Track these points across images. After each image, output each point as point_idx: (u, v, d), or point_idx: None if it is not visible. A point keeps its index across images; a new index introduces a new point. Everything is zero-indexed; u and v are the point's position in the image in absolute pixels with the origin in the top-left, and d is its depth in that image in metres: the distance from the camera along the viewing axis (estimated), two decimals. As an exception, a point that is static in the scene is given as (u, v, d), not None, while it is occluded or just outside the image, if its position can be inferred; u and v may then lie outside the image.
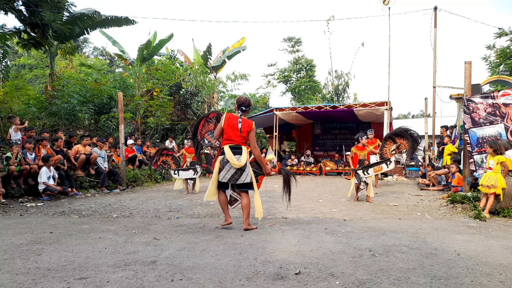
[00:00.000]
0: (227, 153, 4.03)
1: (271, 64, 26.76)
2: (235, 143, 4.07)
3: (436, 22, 11.32)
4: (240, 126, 4.05)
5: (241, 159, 4.03)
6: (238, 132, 4.05)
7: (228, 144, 4.07)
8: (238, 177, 4.08)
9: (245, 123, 4.09)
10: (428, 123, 12.02)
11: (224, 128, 4.09)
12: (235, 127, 4.05)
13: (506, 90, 6.54)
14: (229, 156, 4.01)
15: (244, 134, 4.07)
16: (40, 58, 20.34)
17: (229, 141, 4.08)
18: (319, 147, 16.71)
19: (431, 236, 3.89)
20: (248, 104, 4.18)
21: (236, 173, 4.07)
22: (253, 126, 4.13)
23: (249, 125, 4.09)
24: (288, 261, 2.95)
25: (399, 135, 6.85)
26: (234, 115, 4.15)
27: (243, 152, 4.06)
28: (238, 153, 4.05)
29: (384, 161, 6.74)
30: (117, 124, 11.89)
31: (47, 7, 10.89)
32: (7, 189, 6.60)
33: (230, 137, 4.08)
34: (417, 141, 6.68)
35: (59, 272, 2.70)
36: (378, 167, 6.72)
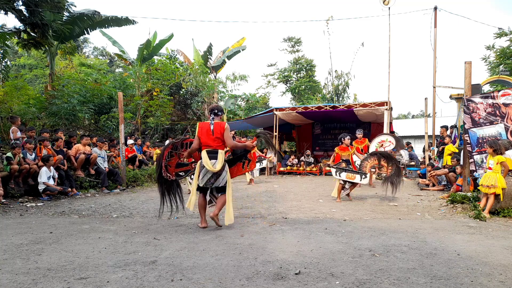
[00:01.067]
0: (204, 157, 4.17)
1: (271, 64, 26.74)
2: (212, 148, 4.19)
3: (436, 22, 11.31)
4: (212, 129, 4.18)
5: (216, 164, 4.13)
6: (211, 136, 4.17)
7: (205, 149, 4.20)
8: (214, 181, 4.22)
9: (217, 125, 4.21)
10: (428, 123, 12.02)
11: (199, 136, 4.24)
12: (208, 132, 4.19)
13: (506, 90, 6.54)
14: (205, 161, 4.14)
15: (217, 136, 4.17)
16: (40, 58, 20.33)
17: (206, 147, 4.22)
18: (319, 147, 16.70)
19: (431, 236, 3.89)
20: (221, 109, 4.37)
21: (212, 177, 4.20)
22: (226, 126, 4.23)
23: (221, 127, 4.21)
24: (288, 261, 2.95)
25: (385, 158, 6.61)
26: (206, 122, 4.31)
27: (219, 157, 4.15)
28: (214, 157, 4.16)
29: (360, 173, 6.65)
30: (117, 124, 11.89)
31: (47, 7, 10.89)
32: (7, 189, 6.60)
33: (206, 143, 4.21)
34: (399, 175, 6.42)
35: (59, 272, 2.70)
36: (352, 175, 6.70)
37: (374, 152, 6.94)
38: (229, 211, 4.22)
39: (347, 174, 6.73)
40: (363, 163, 6.76)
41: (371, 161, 6.72)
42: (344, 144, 7.26)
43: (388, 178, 6.39)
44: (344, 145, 7.26)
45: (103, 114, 13.41)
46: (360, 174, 6.66)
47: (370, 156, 6.80)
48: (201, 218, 4.36)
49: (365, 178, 6.64)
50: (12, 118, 8.31)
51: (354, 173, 6.70)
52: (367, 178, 6.66)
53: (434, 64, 11.43)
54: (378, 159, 6.65)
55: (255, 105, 20.84)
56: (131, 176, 9.58)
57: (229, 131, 4.26)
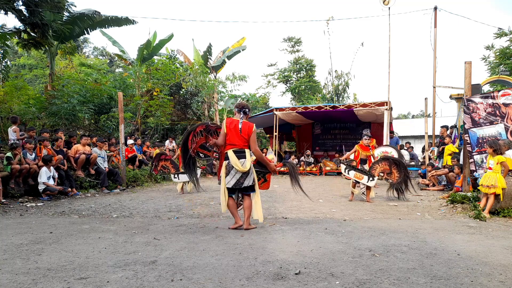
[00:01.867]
0: (232, 158, 4.03)
1: (271, 64, 26.75)
2: (238, 147, 4.07)
3: (436, 22, 11.31)
4: (240, 127, 4.07)
5: (245, 164, 4.04)
6: (239, 135, 4.06)
7: (231, 149, 4.07)
8: (244, 180, 4.10)
9: (246, 125, 4.12)
10: (428, 123, 12.02)
11: (227, 133, 4.10)
12: (237, 131, 4.07)
13: (506, 90, 6.54)
14: (234, 161, 4.02)
15: (245, 137, 4.09)
16: (40, 58, 20.33)
17: (231, 146, 4.08)
18: (319, 147, 16.71)
19: (431, 236, 3.89)
20: (249, 108, 4.26)
21: (242, 177, 4.09)
22: (254, 128, 4.15)
23: (249, 128, 4.11)
24: (288, 261, 2.95)
25: (398, 166, 6.58)
26: (234, 119, 4.18)
27: (247, 156, 4.07)
28: (242, 157, 4.05)
29: (369, 175, 6.62)
30: (117, 124, 11.88)
31: (47, 7, 10.89)
32: (7, 189, 6.60)
33: (232, 141, 4.08)
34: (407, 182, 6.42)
35: (59, 272, 2.70)
36: (360, 175, 6.66)
37: (387, 156, 6.89)
38: (259, 209, 4.19)
39: (356, 174, 6.69)
40: (374, 166, 6.73)
41: (381, 165, 6.69)
42: (364, 144, 7.19)
43: (394, 185, 6.40)
44: (365, 145, 7.19)
45: (103, 114, 13.41)
46: (368, 176, 6.61)
47: (382, 160, 6.76)
48: (235, 218, 4.21)
49: (372, 181, 6.58)
50: (14, 118, 8.33)
51: (363, 174, 6.67)
52: (374, 181, 6.60)
53: (434, 64, 11.42)
54: (389, 165, 6.62)
55: (255, 105, 20.84)
56: (131, 176, 9.58)
57: (255, 134, 4.19)
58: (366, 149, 7.20)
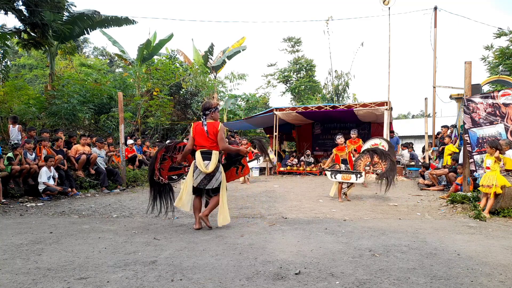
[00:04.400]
0: (197, 158, 4.13)
1: (271, 64, 26.74)
2: (206, 148, 4.15)
3: (436, 22, 11.33)
4: (206, 129, 4.13)
5: (209, 166, 4.10)
6: (206, 136, 4.13)
7: (199, 150, 4.17)
8: (207, 182, 4.17)
9: (211, 125, 4.16)
10: (428, 123, 12.03)
11: (194, 137, 4.21)
12: (203, 132, 4.15)
13: (506, 90, 6.54)
14: (198, 161, 4.11)
15: (212, 137, 4.14)
16: (40, 58, 20.32)
17: (200, 147, 4.18)
18: (319, 147, 16.70)
19: (431, 236, 3.89)
20: (208, 107, 4.24)
21: (206, 178, 4.15)
22: (220, 127, 4.18)
23: (215, 127, 4.16)
24: (288, 261, 2.95)
25: (378, 154, 6.58)
26: (199, 122, 4.27)
27: (212, 158, 4.11)
28: (207, 158, 4.12)
29: (355, 173, 6.63)
30: (117, 124, 11.88)
31: (47, 7, 10.88)
32: (7, 189, 6.60)
33: (200, 143, 4.17)
34: (394, 170, 6.38)
35: (59, 272, 2.70)
36: (347, 175, 6.68)
37: (365, 150, 6.92)
38: (224, 211, 4.18)
39: (343, 175, 6.72)
40: (357, 163, 6.76)
41: (364, 160, 6.73)
42: (339, 144, 7.19)
43: (383, 174, 6.37)
44: (340, 145, 7.19)
45: (103, 114, 13.41)
46: (355, 174, 6.64)
47: (363, 155, 6.80)
48: (195, 219, 4.30)
49: (361, 177, 6.61)
50: (14, 118, 8.32)
51: (349, 174, 6.69)
52: (362, 177, 6.64)
53: (434, 64, 11.44)
54: (370, 157, 6.65)
55: (255, 105, 20.85)
56: (131, 176, 9.58)
57: (223, 132, 4.21)
58: (342, 149, 7.17)
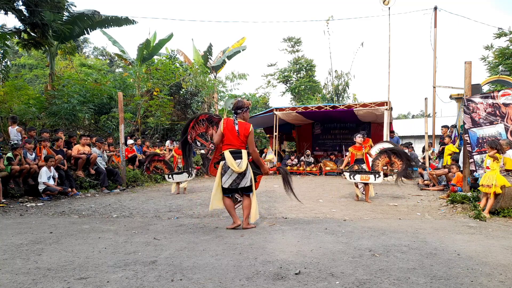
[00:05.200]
0: (228, 158, 4.05)
1: (271, 64, 26.75)
2: (235, 147, 4.09)
3: (436, 22, 11.31)
4: (237, 129, 4.07)
5: (241, 164, 4.05)
6: (236, 135, 4.07)
7: (228, 149, 4.09)
8: (240, 181, 4.11)
9: (242, 126, 4.10)
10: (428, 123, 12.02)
11: (223, 133, 4.11)
12: (233, 131, 4.08)
13: (506, 90, 6.54)
14: (230, 162, 4.03)
15: (242, 138, 4.08)
16: (40, 58, 20.32)
17: (229, 146, 4.10)
18: (319, 147, 16.71)
19: (431, 236, 3.89)
20: (241, 106, 4.19)
21: (238, 177, 4.10)
22: (251, 129, 4.13)
23: (246, 129, 4.10)
24: (288, 261, 2.95)
25: (397, 154, 6.62)
26: (231, 119, 4.18)
27: (243, 157, 4.07)
28: (238, 157, 4.06)
29: (374, 173, 6.64)
30: (117, 124, 11.88)
31: (47, 7, 10.88)
32: (7, 189, 6.60)
33: (229, 141, 4.09)
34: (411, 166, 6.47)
35: (59, 272, 2.70)
36: (365, 176, 6.67)
37: (383, 150, 6.92)
38: (255, 208, 4.22)
39: (361, 176, 6.69)
40: (375, 163, 6.77)
41: (382, 160, 6.74)
42: (357, 144, 7.13)
43: (401, 173, 6.40)
44: (358, 144, 7.13)
45: (103, 114, 13.40)
46: (374, 174, 6.62)
47: (381, 155, 6.81)
48: (233, 217, 4.22)
49: (379, 177, 6.59)
50: (14, 118, 8.31)
51: (368, 174, 6.67)
52: (381, 177, 6.62)
53: (434, 64, 11.43)
54: (388, 157, 6.68)
55: (255, 105, 20.84)
56: (131, 176, 9.58)
57: (253, 135, 4.18)
58: (360, 148, 7.14)
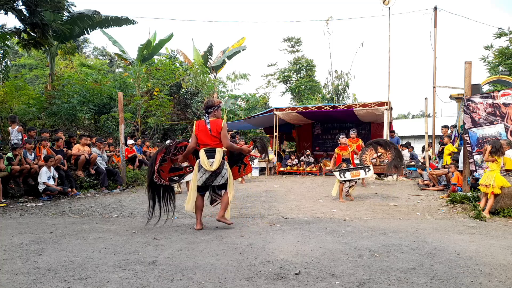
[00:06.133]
0: (201, 157, 4.13)
1: (271, 64, 26.74)
2: (210, 146, 4.15)
3: (436, 22, 11.32)
4: (209, 127, 4.13)
5: (213, 164, 4.09)
6: (209, 134, 4.13)
7: (203, 148, 4.16)
8: (213, 179, 4.18)
9: (214, 123, 4.17)
10: (428, 123, 12.02)
11: (196, 135, 4.20)
12: (206, 130, 4.15)
13: (506, 90, 6.54)
14: (202, 160, 4.10)
15: (215, 134, 4.14)
16: (40, 58, 20.32)
17: (204, 145, 4.17)
18: (319, 147, 16.69)
19: (431, 236, 3.89)
20: (211, 105, 4.25)
21: (212, 176, 4.16)
22: (223, 125, 4.18)
23: (218, 125, 4.16)
24: (288, 261, 2.95)
25: (381, 144, 6.66)
26: (202, 120, 4.27)
27: (216, 155, 4.11)
28: (211, 156, 4.12)
29: (363, 167, 6.68)
30: (117, 124, 11.88)
31: (47, 7, 10.88)
32: (7, 189, 6.60)
33: (203, 141, 4.17)
34: (400, 155, 6.46)
35: (59, 272, 2.70)
36: (355, 172, 6.71)
37: (367, 143, 6.99)
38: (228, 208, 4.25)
39: (352, 173, 6.73)
40: (363, 157, 6.82)
41: (369, 153, 6.78)
42: (342, 144, 7.20)
43: (391, 163, 6.42)
44: (343, 145, 7.20)
45: (103, 114, 13.40)
46: (364, 168, 6.69)
47: (366, 149, 6.86)
48: (197, 219, 4.28)
49: (370, 171, 6.67)
50: (13, 118, 8.29)
51: (358, 169, 6.73)
52: (371, 170, 6.69)
53: (434, 64, 11.43)
54: (374, 149, 6.72)
55: (255, 105, 20.83)
56: (131, 176, 9.58)
57: (226, 129, 4.21)
58: (345, 148, 7.17)
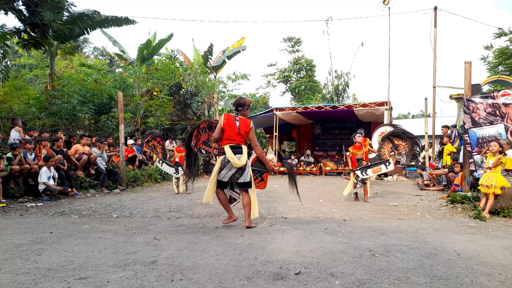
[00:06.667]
0: (228, 152, 4.07)
1: (271, 64, 26.77)
2: (235, 143, 4.12)
3: (436, 22, 11.33)
4: (238, 125, 4.11)
5: (241, 158, 4.08)
6: (237, 131, 4.10)
7: (228, 144, 4.12)
8: (239, 176, 4.14)
9: (243, 122, 4.14)
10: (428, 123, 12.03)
11: (223, 128, 4.14)
12: (234, 127, 4.11)
13: (506, 90, 6.54)
14: (230, 155, 4.06)
15: (243, 133, 4.12)
16: (40, 58, 20.32)
17: (229, 141, 4.13)
18: (319, 147, 16.71)
19: (431, 236, 3.89)
20: (242, 103, 4.21)
21: (237, 172, 4.13)
22: (252, 126, 4.17)
23: (247, 125, 4.14)
24: (288, 261, 2.95)
25: (397, 136, 6.61)
26: (232, 115, 4.22)
27: (243, 152, 4.11)
28: (238, 152, 4.09)
29: (383, 162, 6.62)
30: (117, 124, 11.88)
31: (47, 7, 10.88)
32: (7, 189, 6.60)
33: (229, 137, 4.12)
34: (416, 143, 6.46)
35: (59, 272, 2.70)
36: (377, 168, 6.64)
37: (384, 136, 6.86)
38: (255, 204, 4.25)
39: (373, 169, 6.68)
40: (380, 151, 6.73)
41: (386, 147, 6.68)
42: (357, 143, 7.11)
43: (408, 153, 6.46)
44: (358, 144, 7.11)
45: (103, 114, 13.41)
46: (384, 163, 6.62)
47: (383, 143, 6.76)
48: (228, 212, 4.28)
49: (390, 164, 6.59)
50: (13, 120, 8.28)
51: (378, 165, 6.65)
52: (391, 163, 6.60)
53: (434, 64, 11.44)
54: (391, 141, 6.64)
55: (255, 105, 20.84)
56: (131, 176, 9.58)
57: (254, 131, 4.23)
58: (360, 148, 7.10)
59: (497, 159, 5.11)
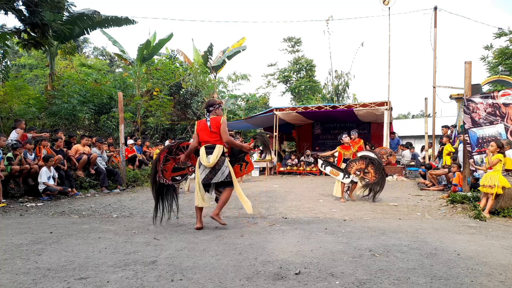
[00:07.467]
0: (201, 153, 4.19)
1: (271, 64, 26.75)
2: (210, 143, 4.19)
3: (436, 22, 11.32)
4: (209, 125, 4.19)
5: (210, 159, 4.11)
6: (209, 131, 4.19)
7: (204, 145, 4.21)
8: (213, 176, 4.18)
9: (213, 120, 4.22)
10: (428, 123, 12.03)
11: (198, 133, 4.27)
12: (205, 128, 4.21)
13: (506, 90, 6.54)
14: (201, 156, 4.16)
15: (214, 130, 4.18)
16: (40, 58, 20.33)
17: (204, 143, 4.23)
18: (319, 147, 16.69)
19: (431, 236, 3.89)
20: (212, 103, 4.34)
21: (211, 172, 4.17)
22: (222, 121, 4.21)
23: (217, 121, 4.21)
24: (288, 261, 2.95)
25: (374, 165, 6.54)
26: (203, 119, 4.35)
27: (214, 151, 4.13)
28: (210, 152, 4.15)
29: (345, 172, 6.67)
30: (117, 124, 11.89)
31: (47, 7, 10.88)
32: (7, 189, 6.60)
33: (204, 138, 4.23)
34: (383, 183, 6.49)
35: (59, 272, 2.70)
36: (335, 171, 6.72)
37: (365, 155, 6.82)
38: (244, 200, 4.24)
39: (332, 169, 6.77)
40: (351, 164, 6.73)
41: (358, 164, 6.68)
42: (345, 143, 7.14)
43: (369, 185, 6.48)
44: (346, 144, 7.14)
45: (103, 114, 13.41)
46: (344, 173, 6.68)
47: (360, 159, 6.73)
48: (197, 218, 4.29)
49: (347, 178, 6.65)
50: (16, 122, 8.26)
51: (339, 170, 6.73)
52: (349, 178, 6.64)
53: (434, 64, 11.44)
54: (366, 164, 6.62)
55: (255, 105, 20.83)
56: (131, 176, 9.58)
57: (225, 125, 4.23)
58: (348, 148, 7.10)
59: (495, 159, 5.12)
